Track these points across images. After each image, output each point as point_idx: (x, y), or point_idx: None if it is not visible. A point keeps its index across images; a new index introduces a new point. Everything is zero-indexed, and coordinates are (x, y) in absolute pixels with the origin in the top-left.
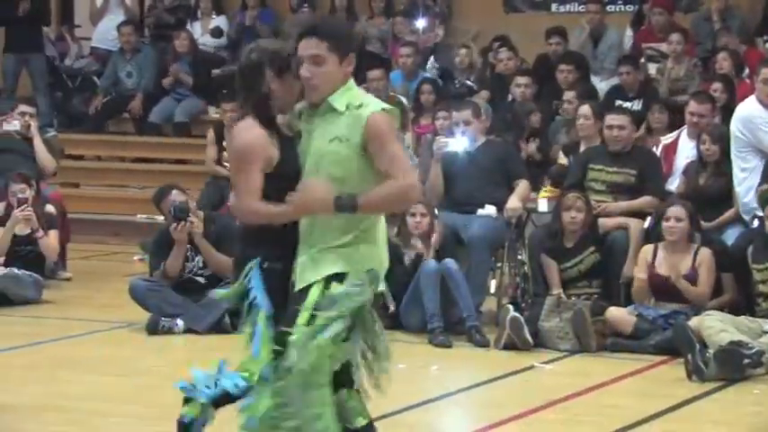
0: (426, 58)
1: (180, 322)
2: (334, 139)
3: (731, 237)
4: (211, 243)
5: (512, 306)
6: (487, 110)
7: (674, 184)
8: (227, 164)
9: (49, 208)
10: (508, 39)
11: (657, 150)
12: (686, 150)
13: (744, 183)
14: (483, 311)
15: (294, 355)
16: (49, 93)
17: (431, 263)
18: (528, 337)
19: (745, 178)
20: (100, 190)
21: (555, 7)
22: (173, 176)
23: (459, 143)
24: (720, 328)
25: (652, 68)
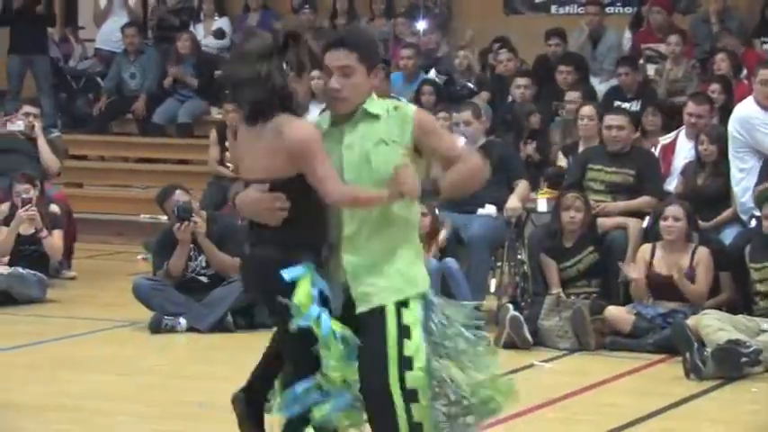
0: (427, 63)
1: (182, 321)
2: (379, 142)
3: (729, 236)
4: (214, 243)
5: (511, 305)
6: (487, 111)
7: (672, 184)
8: (229, 164)
9: (53, 208)
10: (508, 40)
11: (656, 151)
12: (684, 151)
13: (741, 183)
14: (483, 310)
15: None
16: (53, 94)
17: (431, 262)
18: (527, 336)
19: (743, 178)
20: (103, 190)
21: (554, 9)
22: (176, 177)
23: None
24: (718, 326)
25: (651, 69)
